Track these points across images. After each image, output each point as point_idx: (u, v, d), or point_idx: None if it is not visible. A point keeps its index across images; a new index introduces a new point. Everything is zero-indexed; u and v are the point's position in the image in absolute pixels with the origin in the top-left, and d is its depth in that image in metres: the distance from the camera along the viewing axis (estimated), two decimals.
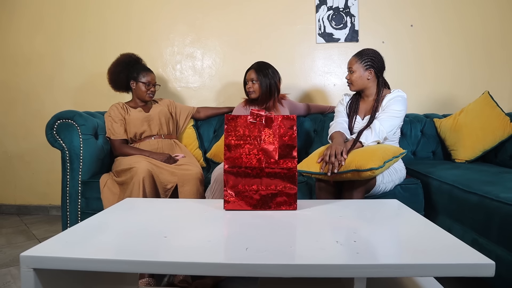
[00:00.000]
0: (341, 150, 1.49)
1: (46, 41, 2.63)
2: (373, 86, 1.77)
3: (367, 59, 1.72)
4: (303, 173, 1.58)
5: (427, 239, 0.89)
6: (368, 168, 1.40)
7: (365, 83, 1.75)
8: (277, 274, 0.73)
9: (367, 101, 1.80)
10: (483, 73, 2.50)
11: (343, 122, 1.78)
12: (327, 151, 1.50)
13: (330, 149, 1.50)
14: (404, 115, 1.70)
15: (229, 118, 1.18)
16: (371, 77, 1.74)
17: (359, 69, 1.73)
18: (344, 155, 1.47)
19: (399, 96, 1.69)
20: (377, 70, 1.74)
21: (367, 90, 1.77)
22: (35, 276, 0.77)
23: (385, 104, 1.70)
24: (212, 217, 1.08)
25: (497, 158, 2.10)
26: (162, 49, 2.62)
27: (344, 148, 1.51)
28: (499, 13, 2.46)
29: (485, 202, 1.36)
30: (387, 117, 1.65)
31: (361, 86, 1.76)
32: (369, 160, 1.42)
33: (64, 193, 1.82)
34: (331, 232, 0.96)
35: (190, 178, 1.71)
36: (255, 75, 2.03)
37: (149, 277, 1.50)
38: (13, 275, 1.66)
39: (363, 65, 1.72)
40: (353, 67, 1.74)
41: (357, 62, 1.73)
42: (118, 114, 1.99)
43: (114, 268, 0.77)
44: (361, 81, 1.74)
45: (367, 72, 1.73)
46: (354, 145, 1.57)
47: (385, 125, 1.64)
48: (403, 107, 1.69)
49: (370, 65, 1.72)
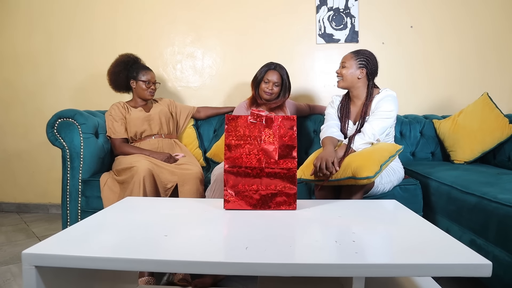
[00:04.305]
0: (332, 160, 1.45)
1: (46, 39, 2.63)
2: (363, 88, 1.73)
3: (363, 58, 1.71)
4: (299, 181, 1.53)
5: (425, 239, 0.90)
6: (364, 177, 1.40)
7: (354, 82, 1.72)
8: (276, 273, 0.74)
9: (357, 104, 1.76)
10: (483, 74, 2.51)
11: (334, 126, 1.75)
12: (317, 162, 1.46)
13: (321, 161, 1.46)
14: (395, 114, 1.67)
15: (229, 118, 1.19)
16: (362, 76, 1.71)
17: (352, 66, 1.70)
18: (336, 166, 1.44)
19: (388, 96, 1.66)
20: (369, 72, 1.71)
21: (355, 90, 1.74)
22: (36, 273, 0.78)
23: (374, 106, 1.67)
24: (212, 217, 1.09)
25: (495, 160, 2.11)
26: (163, 49, 2.62)
27: (335, 158, 1.47)
28: (499, 14, 2.47)
29: (483, 203, 1.37)
30: (377, 119, 1.62)
31: (350, 84, 1.73)
32: (365, 168, 1.41)
33: (64, 191, 1.83)
34: (330, 231, 0.97)
35: (190, 178, 1.71)
36: (279, 79, 2.01)
37: (149, 275, 1.51)
38: (13, 273, 1.67)
39: (357, 62, 1.70)
40: (346, 62, 1.72)
41: (352, 58, 1.71)
42: (119, 113, 1.99)
43: (115, 266, 0.78)
44: (351, 77, 1.71)
45: (359, 70, 1.70)
46: (346, 152, 1.55)
47: (376, 128, 1.61)
48: (394, 107, 1.65)
49: (364, 65, 1.70)
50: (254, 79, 2.07)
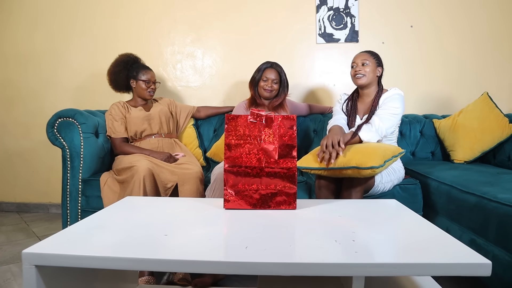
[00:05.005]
0: (338, 139, 1.48)
1: (46, 39, 2.63)
2: (375, 86, 1.80)
3: (377, 58, 1.79)
4: (302, 169, 1.57)
5: (425, 239, 0.90)
6: (368, 167, 1.40)
7: (374, 79, 1.78)
8: (276, 272, 0.74)
9: (366, 101, 1.80)
10: (483, 74, 2.51)
11: (342, 119, 1.79)
12: (324, 141, 1.51)
13: (327, 139, 1.50)
14: (402, 113, 1.71)
15: (229, 118, 1.19)
16: (379, 75, 1.79)
17: (373, 63, 1.76)
18: (342, 144, 1.47)
19: (396, 94, 1.71)
20: (382, 71, 1.80)
21: (370, 87, 1.79)
22: (37, 273, 0.78)
23: (382, 102, 1.71)
24: (212, 216, 1.09)
25: (495, 159, 2.11)
26: (163, 48, 2.62)
27: (342, 138, 1.50)
28: (499, 14, 2.47)
29: (483, 202, 1.37)
30: (386, 114, 1.66)
31: (371, 80, 1.77)
32: (370, 159, 1.42)
33: (64, 191, 1.83)
34: (330, 231, 0.97)
35: (190, 177, 1.71)
36: (277, 76, 2.04)
37: (149, 275, 1.51)
38: (13, 272, 1.67)
39: (375, 61, 1.77)
40: (368, 60, 1.76)
41: (371, 57, 1.77)
42: (119, 112, 1.99)
43: (115, 266, 0.78)
44: (373, 74, 1.76)
45: (378, 68, 1.77)
46: (352, 138, 1.58)
47: (384, 122, 1.64)
48: (401, 105, 1.69)
49: (380, 63, 1.78)
50: (252, 79, 2.09)
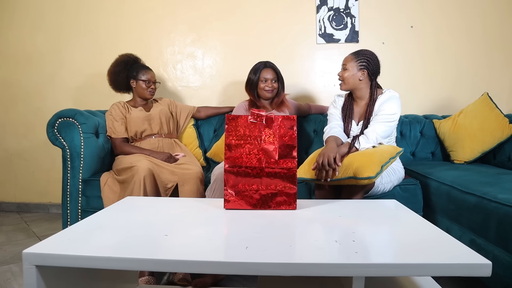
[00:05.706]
0: (334, 156, 1.44)
1: (47, 39, 2.64)
2: (365, 88, 1.73)
3: (363, 59, 1.69)
4: (300, 181, 1.52)
5: (425, 239, 0.90)
6: (365, 177, 1.39)
7: (356, 84, 1.71)
8: (276, 272, 0.74)
9: (360, 104, 1.76)
10: (483, 75, 2.51)
11: (337, 126, 1.74)
12: (320, 159, 1.45)
13: (323, 157, 1.45)
14: (398, 116, 1.67)
15: (229, 118, 1.19)
16: (364, 78, 1.69)
17: (353, 68, 1.69)
18: (338, 162, 1.43)
19: (392, 97, 1.66)
20: (371, 73, 1.69)
21: (358, 91, 1.73)
22: (37, 273, 0.78)
23: (378, 108, 1.67)
24: (212, 216, 1.09)
25: (495, 159, 2.11)
26: (163, 49, 2.62)
27: (337, 154, 1.46)
28: (499, 14, 2.47)
29: (483, 203, 1.37)
30: (381, 123, 1.61)
31: (352, 86, 1.72)
32: (367, 168, 1.40)
33: (64, 191, 1.83)
34: (330, 231, 0.97)
35: (190, 178, 1.71)
36: (274, 74, 2.03)
37: (149, 275, 1.51)
38: (13, 272, 1.67)
39: (357, 64, 1.68)
40: (347, 65, 1.70)
41: (353, 60, 1.70)
42: (119, 112, 2.00)
43: (115, 266, 0.78)
44: (352, 80, 1.70)
45: (360, 72, 1.69)
46: (349, 151, 1.55)
47: (380, 131, 1.60)
48: (397, 109, 1.65)
49: (365, 66, 1.68)
50: (249, 83, 2.05)
